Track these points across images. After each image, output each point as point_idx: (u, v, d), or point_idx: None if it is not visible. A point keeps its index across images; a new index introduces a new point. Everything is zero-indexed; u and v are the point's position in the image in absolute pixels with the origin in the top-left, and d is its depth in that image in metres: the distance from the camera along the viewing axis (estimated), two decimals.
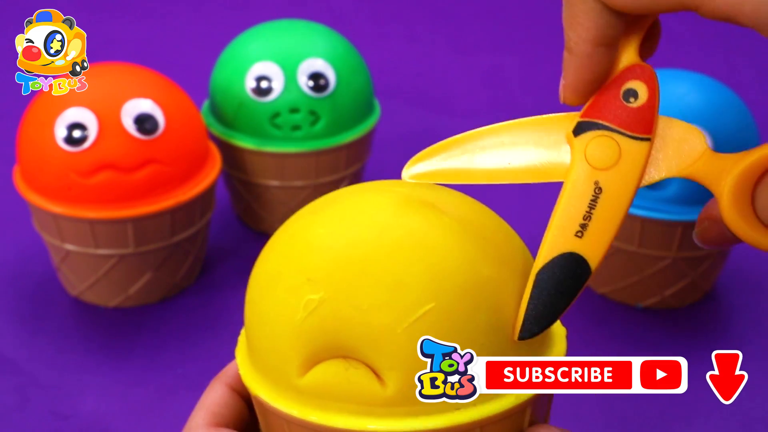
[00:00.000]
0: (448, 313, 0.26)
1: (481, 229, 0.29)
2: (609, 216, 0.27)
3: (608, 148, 0.27)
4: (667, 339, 0.60)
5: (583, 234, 0.27)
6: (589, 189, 0.27)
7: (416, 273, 0.27)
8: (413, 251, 0.27)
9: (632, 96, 0.27)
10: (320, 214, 0.29)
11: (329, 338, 0.27)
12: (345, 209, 0.29)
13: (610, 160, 0.27)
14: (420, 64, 0.97)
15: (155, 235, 0.59)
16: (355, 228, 0.28)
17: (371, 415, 0.27)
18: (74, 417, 0.53)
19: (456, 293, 0.27)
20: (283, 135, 0.65)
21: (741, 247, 0.65)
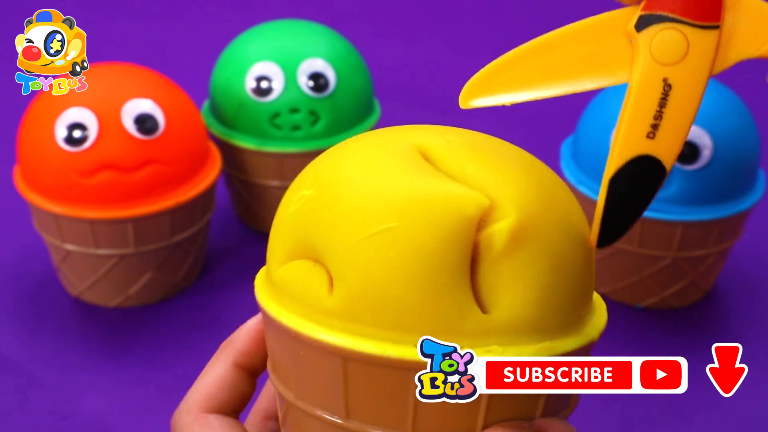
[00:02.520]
0: (408, 237, 0.25)
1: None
2: (681, 113, 0.26)
3: (675, 41, 0.26)
4: (667, 339, 0.60)
5: (655, 134, 0.26)
6: (657, 87, 0.26)
7: (390, 194, 0.26)
8: (401, 182, 0.26)
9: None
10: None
11: (306, 235, 0.27)
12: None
13: (678, 54, 0.26)
14: (420, 64, 0.97)
15: (155, 235, 0.59)
16: (366, 158, 0.28)
17: (314, 321, 0.26)
18: (74, 417, 0.53)
19: (421, 221, 0.26)
20: (283, 135, 0.65)
21: (741, 247, 0.66)
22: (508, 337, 0.26)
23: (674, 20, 0.26)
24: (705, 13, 0.26)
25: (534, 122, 0.83)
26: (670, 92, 0.26)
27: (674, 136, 0.26)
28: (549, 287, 0.26)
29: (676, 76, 0.26)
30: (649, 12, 0.26)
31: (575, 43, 0.27)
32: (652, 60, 0.26)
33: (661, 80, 0.26)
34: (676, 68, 0.26)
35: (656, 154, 0.26)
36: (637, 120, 0.26)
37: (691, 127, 0.26)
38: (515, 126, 0.83)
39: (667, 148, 0.26)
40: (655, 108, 0.26)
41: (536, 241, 0.26)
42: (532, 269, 0.26)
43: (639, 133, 0.26)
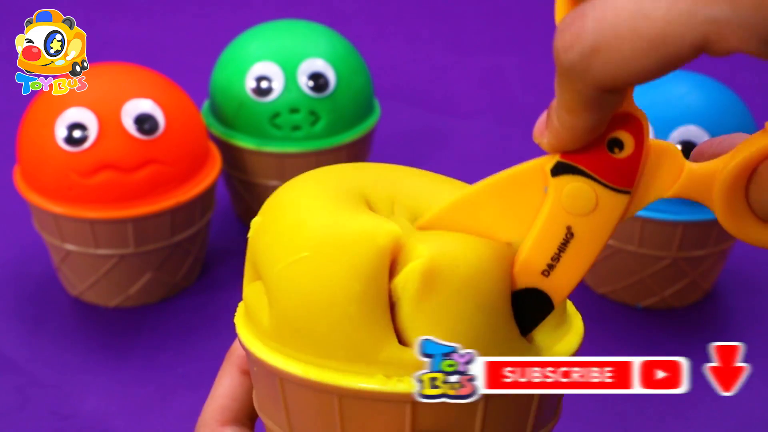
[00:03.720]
0: (318, 267, 0.26)
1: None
2: (577, 261, 0.27)
3: (585, 196, 0.26)
4: (667, 339, 0.60)
5: (550, 273, 0.27)
6: (560, 232, 0.27)
7: (311, 225, 0.27)
8: (324, 214, 0.27)
9: (617, 146, 0.26)
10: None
11: (254, 260, 0.29)
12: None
13: (586, 208, 0.26)
14: (420, 64, 0.97)
15: (155, 235, 0.59)
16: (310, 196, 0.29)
17: (260, 339, 0.28)
18: (74, 417, 0.53)
19: (331, 251, 0.26)
20: (283, 135, 0.65)
21: (741, 247, 0.66)
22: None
23: (588, 176, 0.26)
24: (620, 179, 0.26)
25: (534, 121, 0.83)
26: (571, 240, 0.27)
27: (567, 279, 0.27)
28: (467, 326, 0.26)
29: (579, 227, 0.26)
30: (567, 161, 0.26)
31: (496, 195, 0.27)
32: (560, 206, 0.26)
33: (565, 227, 0.27)
34: (581, 219, 0.26)
35: (547, 290, 0.27)
36: (535, 255, 0.27)
37: (584, 274, 0.27)
38: (515, 125, 0.84)
39: (558, 287, 0.27)
40: (554, 250, 0.27)
41: (452, 282, 0.26)
42: (449, 309, 0.26)
43: (535, 268, 0.27)
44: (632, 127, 0.26)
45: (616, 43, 0.21)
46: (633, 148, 0.26)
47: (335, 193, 0.28)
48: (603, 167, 0.26)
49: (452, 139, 0.83)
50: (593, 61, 0.22)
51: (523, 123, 0.84)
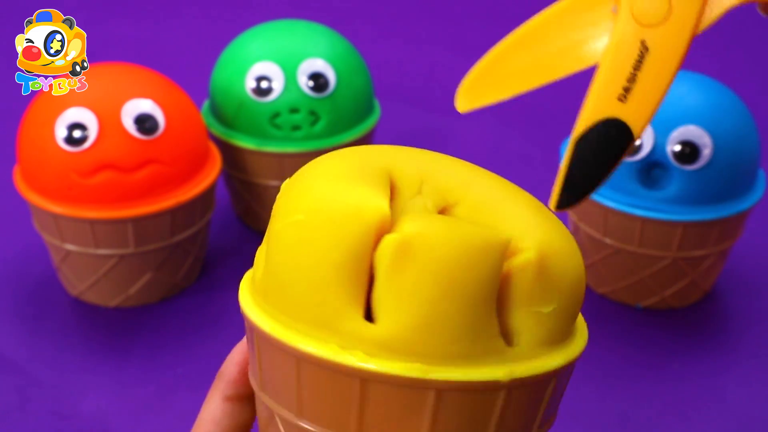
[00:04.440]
0: (307, 230, 0.27)
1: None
2: (655, 79, 0.25)
3: (657, 3, 0.24)
4: (667, 339, 0.60)
5: (627, 98, 0.25)
6: (634, 48, 0.25)
7: (316, 192, 0.27)
8: (332, 185, 0.27)
9: None
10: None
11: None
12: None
13: (659, 15, 0.24)
14: (420, 64, 0.97)
15: (155, 235, 0.59)
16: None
17: (251, 294, 0.28)
18: (74, 417, 0.53)
19: (321, 217, 0.26)
20: (283, 135, 0.65)
21: (741, 247, 0.66)
22: (382, 350, 0.25)
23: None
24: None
25: (534, 121, 0.83)
26: (646, 55, 0.25)
27: (646, 101, 0.25)
28: (433, 312, 0.25)
29: (655, 39, 0.25)
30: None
31: (561, 24, 0.26)
32: (632, 20, 0.25)
33: (639, 42, 0.25)
34: (656, 30, 0.25)
35: (625, 118, 0.25)
36: (609, 80, 0.25)
37: (665, 94, 0.25)
38: (515, 125, 0.83)
39: (637, 113, 0.25)
40: (630, 70, 0.25)
41: (428, 262, 0.25)
42: (418, 291, 0.25)
43: (610, 95, 0.25)
44: None
45: None
46: None
47: (359, 167, 0.28)
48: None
49: (452, 139, 0.83)
50: None
51: (523, 123, 0.85)
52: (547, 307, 0.26)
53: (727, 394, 0.56)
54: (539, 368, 0.26)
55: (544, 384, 0.27)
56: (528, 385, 0.26)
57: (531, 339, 0.26)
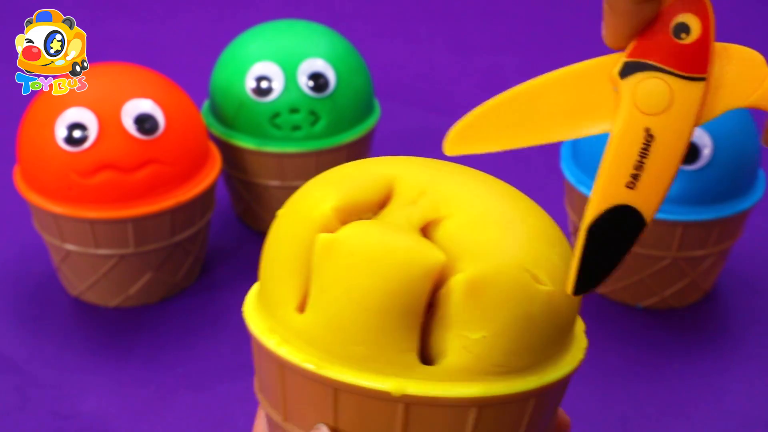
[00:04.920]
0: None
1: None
2: (663, 165, 0.25)
3: (659, 91, 0.25)
4: (667, 339, 0.60)
5: (636, 185, 0.25)
6: (639, 136, 0.25)
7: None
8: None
9: (683, 31, 0.24)
10: None
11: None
12: None
13: (662, 104, 0.25)
14: (420, 64, 0.97)
15: (155, 235, 0.59)
16: None
17: (273, 329, 0.29)
18: (74, 417, 0.53)
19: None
20: (283, 135, 0.65)
21: (741, 247, 0.66)
22: (297, 339, 0.27)
23: (659, 69, 0.25)
24: (691, 65, 0.25)
25: None
26: (652, 143, 0.25)
27: (655, 187, 0.26)
28: (341, 313, 0.26)
29: (658, 127, 0.25)
30: (635, 59, 0.25)
31: (559, 90, 0.26)
32: (635, 108, 0.25)
33: (644, 130, 0.25)
34: (659, 118, 0.25)
35: (636, 204, 0.26)
36: (617, 169, 0.26)
37: (673, 179, 0.26)
38: None
39: (647, 199, 0.26)
40: (636, 158, 0.25)
41: (344, 264, 0.26)
42: (332, 290, 0.27)
43: (618, 182, 0.26)
44: (696, 8, 0.25)
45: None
46: (700, 29, 0.25)
47: (357, 173, 0.30)
48: (672, 56, 0.25)
49: None
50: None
51: None
52: (475, 334, 0.26)
53: (727, 393, 0.56)
54: (440, 392, 0.26)
55: (457, 410, 0.27)
56: (431, 405, 0.26)
57: (454, 362, 0.26)
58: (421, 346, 0.27)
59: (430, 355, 0.27)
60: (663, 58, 0.25)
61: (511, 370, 0.27)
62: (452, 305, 0.26)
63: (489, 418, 0.27)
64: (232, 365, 0.57)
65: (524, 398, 0.27)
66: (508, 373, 0.27)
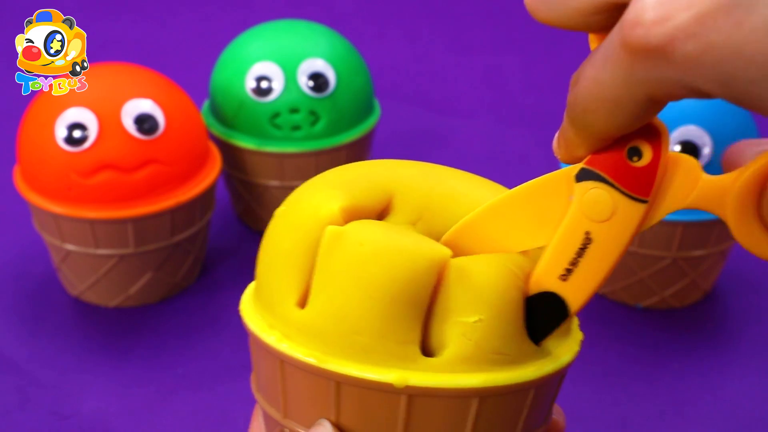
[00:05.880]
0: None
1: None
2: (595, 267, 0.28)
3: (604, 202, 0.27)
4: (667, 339, 0.60)
5: (568, 278, 0.28)
6: (579, 237, 0.27)
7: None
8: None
9: (636, 155, 0.27)
10: None
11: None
12: None
13: (604, 214, 0.27)
14: (420, 64, 0.97)
15: (155, 235, 0.59)
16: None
17: (273, 324, 0.30)
18: (74, 417, 0.53)
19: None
20: (283, 135, 0.65)
21: (741, 247, 0.65)
22: (299, 334, 0.28)
23: (608, 183, 0.27)
24: (637, 187, 0.27)
25: (534, 121, 0.83)
26: (589, 245, 0.27)
27: (585, 284, 0.28)
28: (344, 304, 0.27)
29: (598, 233, 0.27)
30: (590, 167, 0.27)
31: (524, 205, 0.28)
32: (581, 211, 0.27)
33: (584, 232, 0.27)
34: (600, 226, 0.27)
35: (564, 295, 0.28)
36: (554, 259, 0.28)
37: (602, 282, 0.28)
38: (516, 125, 0.84)
39: (575, 293, 0.28)
40: (573, 255, 0.28)
41: (351, 255, 0.27)
42: (337, 281, 0.27)
43: (554, 272, 0.28)
44: (652, 138, 0.26)
45: (594, 107, 0.24)
46: (651, 157, 0.27)
47: (361, 179, 0.30)
48: (622, 174, 0.27)
49: (452, 139, 0.83)
50: (586, 119, 0.25)
51: (523, 123, 0.85)
52: (471, 317, 0.27)
53: (727, 393, 0.56)
54: (442, 382, 0.27)
55: (459, 400, 0.27)
56: (434, 396, 0.27)
57: (455, 352, 0.27)
58: (423, 339, 0.27)
59: (432, 347, 0.27)
60: (613, 174, 0.27)
61: (511, 358, 0.27)
62: (447, 293, 0.27)
63: (490, 408, 0.28)
64: (232, 365, 0.57)
65: (524, 389, 0.28)
66: (508, 362, 0.27)
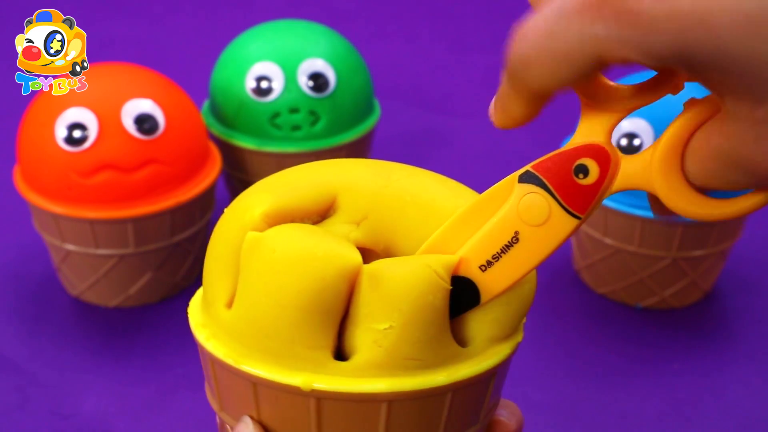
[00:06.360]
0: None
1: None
2: (514, 266, 0.28)
3: (540, 208, 0.28)
4: (667, 339, 0.60)
5: (486, 269, 0.28)
6: (508, 234, 0.28)
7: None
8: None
9: (582, 173, 0.27)
10: None
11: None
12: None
13: (538, 219, 0.28)
14: (420, 64, 0.97)
15: (155, 235, 0.59)
16: None
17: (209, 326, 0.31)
18: (74, 417, 0.53)
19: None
20: (283, 135, 0.65)
21: (741, 247, 0.66)
22: (224, 333, 0.29)
23: (549, 191, 0.28)
24: (576, 203, 0.27)
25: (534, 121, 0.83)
26: (515, 244, 0.28)
27: (500, 279, 0.28)
28: (256, 306, 0.28)
29: (526, 235, 0.28)
30: (535, 172, 0.28)
31: (479, 214, 0.29)
32: (515, 211, 0.28)
33: (513, 231, 0.28)
34: (530, 228, 0.28)
35: (479, 283, 0.29)
36: (479, 249, 0.28)
37: (518, 279, 0.28)
38: None
39: (489, 284, 0.28)
40: (497, 250, 0.28)
41: (263, 260, 0.28)
42: (252, 285, 0.28)
43: (476, 260, 0.28)
44: (600, 159, 0.27)
45: (538, 60, 0.25)
46: (596, 179, 0.27)
47: (304, 181, 0.31)
48: (564, 187, 0.27)
49: (452, 139, 0.83)
50: (527, 72, 0.25)
51: None
52: (381, 324, 0.27)
53: (726, 393, 0.56)
54: (348, 387, 0.27)
55: (367, 404, 0.27)
56: (340, 400, 0.27)
57: (364, 358, 0.27)
58: (342, 344, 0.28)
59: (348, 352, 0.28)
60: (556, 184, 0.27)
61: (424, 364, 0.27)
62: (359, 299, 0.27)
63: (402, 412, 0.28)
64: None
65: (439, 393, 0.28)
66: (421, 367, 0.27)
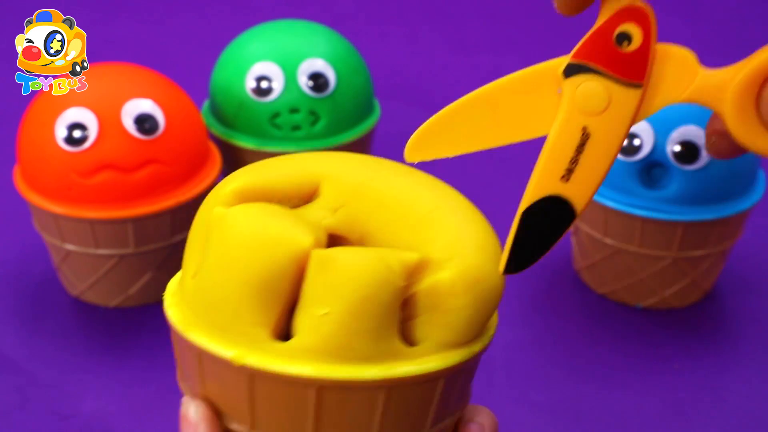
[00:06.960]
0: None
1: None
2: (596, 162, 0.27)
3: (598, 94, 0.26)
4: (667, 339, 0.60)
5: (569, 178, 0.27)
6: (576, 133, 0.27)
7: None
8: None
9: (625, 39, 0.26)
10: None
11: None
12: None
13: (600, 106, 0.26)
14: (420, 64, 0.97)
15: (155, 235, 0.59)
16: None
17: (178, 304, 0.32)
18: (74, 417, 0.53)
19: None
20: (283, 135, 0.65)
21: (741, 247, 0.66)
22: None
23: (600, 73, 0.27)
24: (630, 72, 0.26)
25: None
26: (588, 141, 0.27)
27: (587, 182, 0.27)
28: (217, 291, 0.28)
29: (595, 126, 0.27)
30: (578, 61, 0.27)
31: (512, 94, 0.28)
32: (575, 107, 0.27)
33: (581, 128, 0.27)
34: (596, 119, 0.27)
35: (568, 196, 0.27)
36: (553, 161, 0.27)
37: (605, 175, 0.27)
38: None
39: (579, 192, 0.27)
40: (572, 153, 0.27)
41: (220, 242, 0.28)
42: (213, 269, 0.28)
43: (554, 174, 0.27)
44: (639, 19, 0.26)
45: None
46: (641, 39, 0.26)
47: (287, 168, 0.32)
48: (613, 62, 0.26)
49: None
50: None
51: None
52: (320, 310, 0.27)
53: (727, 393, 0.56)
54: (277, 367, 0.27)
55: (296, 387, 0.27)
56: (271, 380, 0.27)
57: (300, 341, 0.27)
58: (288, 324, 0.28)
59: (292, 334, 0.28)
60: (604, 63, 0.26)
61: (359, 356, 0.27)
62: (306, 282, 0.27)
63: (332, 403, 0.27)
64: None
65: (370, 388, 0.27)
66: (354, 358, 0.27)
